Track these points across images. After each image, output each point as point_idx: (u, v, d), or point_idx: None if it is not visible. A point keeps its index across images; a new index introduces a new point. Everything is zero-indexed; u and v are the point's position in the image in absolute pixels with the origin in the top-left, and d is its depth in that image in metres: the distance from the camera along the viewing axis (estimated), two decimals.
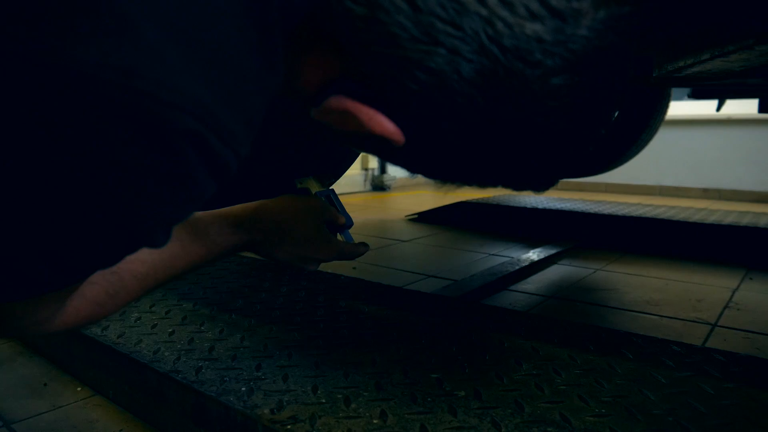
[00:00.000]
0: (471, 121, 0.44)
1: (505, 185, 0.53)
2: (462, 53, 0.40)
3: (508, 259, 1.98)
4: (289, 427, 0.69)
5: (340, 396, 0.77)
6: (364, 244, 0.86)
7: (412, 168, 0.54)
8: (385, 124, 0.45)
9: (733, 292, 1.66)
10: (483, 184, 0.53)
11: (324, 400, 0.75)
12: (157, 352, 0.92)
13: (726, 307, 1.52)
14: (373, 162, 4.47)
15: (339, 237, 0.86)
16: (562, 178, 0.54)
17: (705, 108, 3.91)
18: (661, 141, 3.50)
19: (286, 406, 0.74)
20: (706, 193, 4.00)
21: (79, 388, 1.05)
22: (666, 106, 2.29)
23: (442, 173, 0.53)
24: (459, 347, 0.93)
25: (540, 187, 0.54)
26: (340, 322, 1.05)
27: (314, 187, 0.89)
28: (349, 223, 0.87)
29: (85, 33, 0.31)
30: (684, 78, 1.14)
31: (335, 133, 0.52)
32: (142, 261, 0.61)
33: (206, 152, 0.37)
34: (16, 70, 0.31)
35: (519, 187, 0.54)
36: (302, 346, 0.94)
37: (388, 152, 0.52)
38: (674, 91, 2.42)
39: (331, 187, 0.91)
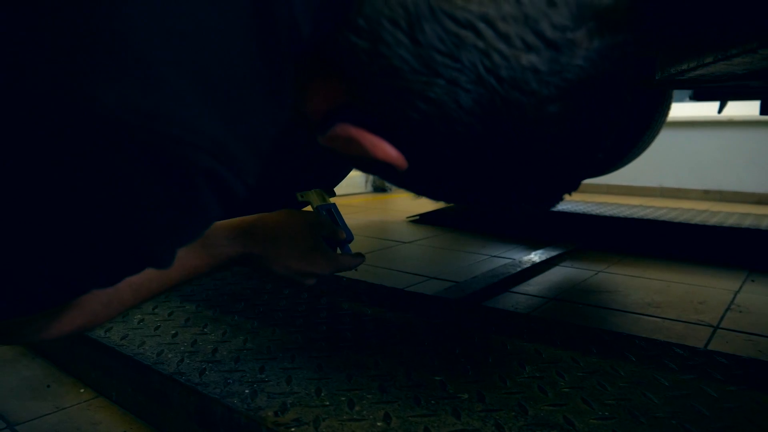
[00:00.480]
0: (470, 147, 0.45)
1: (506, 206, 0.55)
2: (460, 84, 0.42)
3: (509, 260, 1.99)
4: (293, 429, 0.69)
5: (343, 398, 0.77)
6: (361, 255, 0.87)
7: (415, 190, 0.56)
8: (388, 151, 0.47)
9: (735, 295, 1.66)
10: (483, 204, 0.55)
11: (328, 403, 0.75)
12: (160, 354, 0.93)
13: (728, 309, 1.52)
14: None
15: (338, 251, 0.87)
16: (561, 198, 0.55)
17: (706, 109, 3.91)
18: (662, 142, 3.50)
19: (290, 409, 0.74)
20: (708, 195, 4.00)
21: (82, 390, 1.05)
22: (668, 108, 2.29)
23: (442, 195, 0.55)
24: (462, 349, 0.93)
25: (538, 208, 0.55)
26: (343, 325, 1.05)
27: (316, 201, 0.90)
28: (350, 237, 0.88)
29: (109, 75, 0.32)
30: (687, 80, 1.14)
31: (341, 157, 0.53)
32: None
33: (219, 185, 0.38)
34: (40, 106, 0.32)
35: (518, 206, 0.55)
36: (305, 348, 0.94)
37: (392, 176, 0.54)
38: (675, 92, 2.43)
39: (332, 201, 0.91)
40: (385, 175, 0.56)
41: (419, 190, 0.56)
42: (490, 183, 0.50)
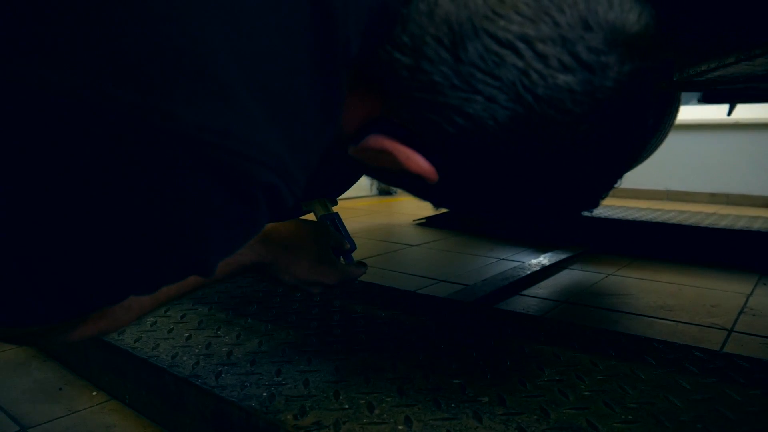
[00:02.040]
0: (502, 162, 0.47)
1: (528, 221, 0.57)
2: (498, 101, 0.43)
3: (518, 263, 1.98)
4: None
5: (362, 401, 0.76)
6: (363, 264, 0.89)
7: (442, 203, 0.58)
8: (421, 163, 0.48)
9: (747, 298, 1.65)
10: (507, 217, 0.57)
11: (347, 406, 0.75)
12: (175, 356, 0.92)
13: (741, 312, 1.51)
14: None
15: (341, 260, 0.88)
16: (584, 210, 0.57)
17: (713, 112, 3.90)
18: (669, 145, 3.49)
19: (309, 412, 0.73)
20: (714, 198, 3.98)
21: (94, 393, 1.04)
22: (676, 110, 2.28)
23: (469, 208, 0.57)
24: (479, 352, 0.93)
25: (560, 220, 0.57)
26: (358, 327, 1.04)
27: (320, 211, 0.91)
28: (353, 247, 0.89)
29: (186, 94, 0.34)
30: (702, 82, 1.13)
31: (371, 170, 0.56)
32: None
33: (275, 197, 0.40)
34: (118, 120, 0.33)
35: (541, 222, 0.57)
36: (321, 351, 0.94)
37: (419, 189, 0.56)
38: (683, 95, 2.41)
39: (335, 211, 0.92)
40: (411, 188, 0.57)
41: (445, 204, 0.57)
42: (517, 198, 0.52)
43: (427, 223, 2.90)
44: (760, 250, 2.05)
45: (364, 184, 4.43)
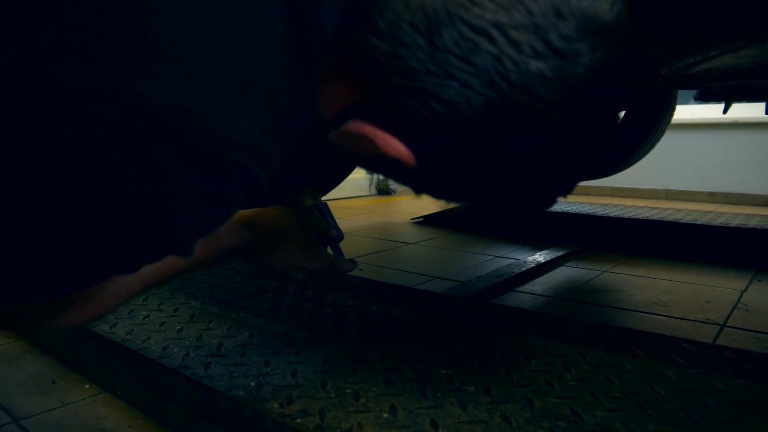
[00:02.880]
0: (477, 147, 0.48)
1: (505, 205, 0.58)
2: (473, 87, 0.44)
3: (514, 261, 1.98)
4: (298, 420, 0.69)
5: (349, 391, 0.76)
6: (353, 261, 0.89)
7: (419, 188, 0.58)
8: (399, 148, 0.49)
9: (742, 294, 1.65)
10: (485, 203, 0.59)
11: (333, 395, 0.75)
12: (165, 348, 0.92)
13: (735, 308, 1.51)
14: None
15: (329, 250, 0.88)
16: (558, 197, 0.58)
17: (711, 111, 3.90)
18: (667, 144, 3.48)
19: (296, 401, 0.74)
20: (713, 197, 3.98)
21: (87, 386, 1.05)
22: (672, 109, 2.29)
23: (447, 194, 0.58)
24: (468, 344, 0.93)
25: (536, 207, 0.59)
26: (348, 320, 1.05)
27: (308, 200, 0.92)
28: (340, 236, 0.90)
29: (156, 73, 0.35)
30: (693, 76, 1.14)
31: (351, 154, 0.56)
32: None
33: (250, 180, 0.41)
34: (88, 97, 0.34)
35: (518, 206, 0.58)
36: (310, 343, 0.94)
37: (398, 173, 0.57)
38: (680, 94, 2.42)
39: (323, 200, 0.93)
40: (390, 173, 0.58)
41: (423, 189, 0.58)
42: (493, 182, 0.53)
43: (425, 221, 2.90)
44: (756, 248, 2.05)
45: (363, 183, 4.44)
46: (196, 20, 0.36)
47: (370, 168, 0.59)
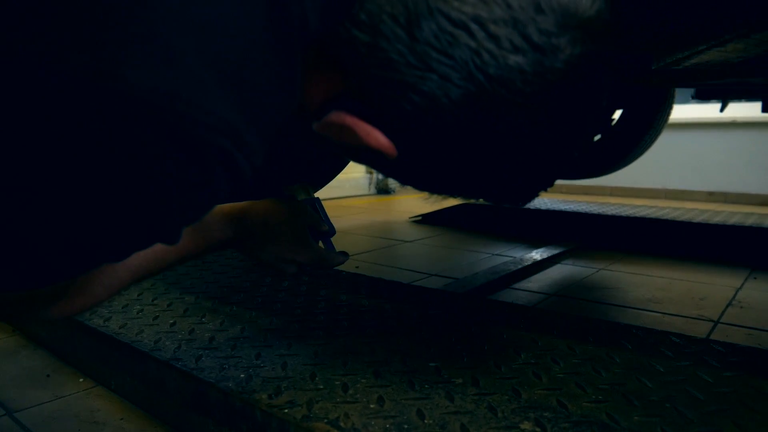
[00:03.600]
0: (456, 139, 0.49)
1: (486, 198, 0.59)
2: (452, 79, 0.45)
3: (510, 258, 1.98)
4: (286, 410, 0.70)
5: (338, 383, 0.77)
6: (344, 253, 0.88)
7: (402, 179, 0.59)
8: (380, 139, 0.50)
9: (737, 291, 1.65)
10: (466, 196, 0.58)
11: (322, 386, 0.76)
12: (158, 341, 0.93)
13: (729, 305, 1.51)
14: None
15: (321, 245, 0.88)
16: (538, 194, 0.59)
17: (710, 111, 3.90)
18: (666, 144, 3.49)
19: (284, 392, 0.74)
20: (712, 196, 3.98)
21: (81, 380, 1.05)
22: (670, 107, 2.29)
23: (428, 185, 0.58)
24: (458, 338, 0.94)
25: (516, 201, 0.59)
26: (341, 315, 1.05)
27: (300, 194, 0.91)
28: (332, 231, 0.89)
29: (137, 58, 0.35)
30: (686, 73, 1.14)
31: (333, 145, 0.56)
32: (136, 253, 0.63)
33: (231, 166, 0.41)
34: (68, 81, 0.34)
35: (498, 200, 0.59)
36: (302, 336, 0.95)
37: (380, 164, 0.57)
38: (678, 93, 2.42)
39: (316, 196, 0.93)
40: (373, 163, 0.59)
41: (405, 179, 0.59)
42: (472, 174, 0.53)
43: (423, 220, 2.91)
44: (752, 246, 2.05)
45: (362, 183, 4.45)
46: (176, 6, 0.37)
47: (354, 158, 0.60)
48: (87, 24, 0.35)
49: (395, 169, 0.56)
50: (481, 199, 0.58)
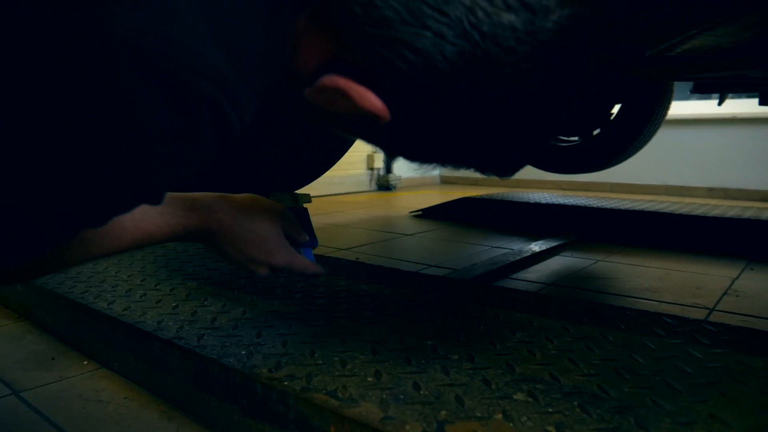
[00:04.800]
0: (449, 98, 0.50)
1: (474, 166, 0.59)
2: (446, 37, 0.46)
3: (509, 250, 2.00)
4: (286, 383, 0.71)
5: (336, 359, 0.79)
6: (324, 266, 0.84)
7: (393, 148, 0.60)
8: (374, 101, 0.51)
9: (733, 281, 1.66)
10: (456, 163, 0.59)
11: (321, 362, 0.78)
12: (161, 322, 0.95)
13: (725, 293, 1.53)
14: (379, 162, 4.50)
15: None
16: (526, 163, 0.60)
17: (709, 107, 3.91)
18: (665, 140, 3.50)
19: (284, 366, 0.76)
20: (711, 192, 3.99)
21: (85, 362, 1.07)
22: (668, 101, 2.30)
23: (419, 152, 0.59)
24: (455, 319, 0.95)
25: (506, 170, 0.60)
26: (340, 298, 1.07)
27: (288, 202, 0.86)
28: (313, 243, 0.85)
29: (127, 2, 0.35)
30: (680, 61, 1.15)
31: (325, 116, 0.57)
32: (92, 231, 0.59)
33: (218, 115, 0.41)
34: (62, 28, 0.35)
35: (486, 168, 0.60)
36: (302, 318, 0.97)
37: (372, 133, 0.57)
38: (678, 90, 2.43)
39: (305, 206, 0.88)
40: (363, 133, 0.59)
41: (396, 148, 0.59)
42: (463, 138, 0.54)
43: (424, 214, 2.93)
44: (750, 237, 2.06)
45: (363, 179, 4.47)
46: None
47: (345, 128, 0.59)
48: None
49: (386, 136, 0.56)
50: (470, 168, 0.59)
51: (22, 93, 0.35)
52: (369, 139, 0.60)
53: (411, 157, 0.59)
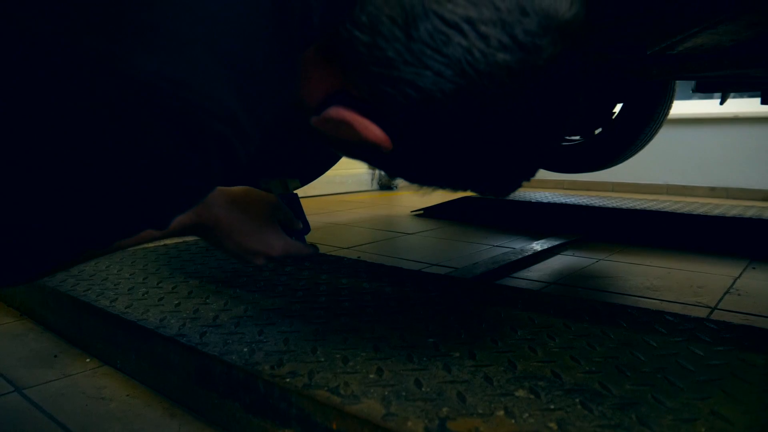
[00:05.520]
0: (447, 130, 0.52)
1: (473, 189, 0.62)
2: (445, 76, 0.49)
3: (511, 249, 2.00)
4: (288, 380, 0.72)
5: (338, 356, 0.79)
6: (314, 246, 0.88)
7: (395, 173, 0.63)
8: (377, 132, 0.54)
9: (735, 280, 1.66)
10: (455, 187, 0.62)
11: (323, 359, 0.78)
12: (163, 320, 0.95)
13: (727, 292, 1.53)
14: None
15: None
16: (521, 184, 0.63)
17: (711, 107, 3.91)
18: (667, 140, 3.50)
19: (286, 363, 0.76)
20: (714, 192, 3.99)
21: (87, 360, 1.08)
22: (670, 100, 2.30)
23: (419, 177, 0.62)
24: (456, 317, 0.96)
25: (501, 192, 0.63)
26: (342, 297, 1.08)
27: (278, 189, 0.89)
28: (306, 229, 0.89)
29: (145, 45, 0.37)
30: (681, 60, 1.15)
31: (329, 140, 0.60)
32: None
33: (227, 150, 0.43)
34: (84, 70, 0.36)
35: (484, 191, 0.63)
36: (304, 315, 0.97)
37: (375, 158, 0.61)
38: (680, 90, 2.43)
39: (295, 192, 0.91)
40: (366, 158, 0.62)
41: (398, 173, 0.63)
42: (460, 165, 0.57)
43: (425, 213, 2.93)
44: (752, 237, 2.06)
45: (365, 179, 4.47)
46: None
47: (349, 153, 0.63)
48: (101, 12, 0.37)
49: (388, 162, 0.60)
50: (468, 191, 0.61)
51: (49, 126, 0.37)
52: (371, 163, 0.63)
53: (410, 180, 0.62)
